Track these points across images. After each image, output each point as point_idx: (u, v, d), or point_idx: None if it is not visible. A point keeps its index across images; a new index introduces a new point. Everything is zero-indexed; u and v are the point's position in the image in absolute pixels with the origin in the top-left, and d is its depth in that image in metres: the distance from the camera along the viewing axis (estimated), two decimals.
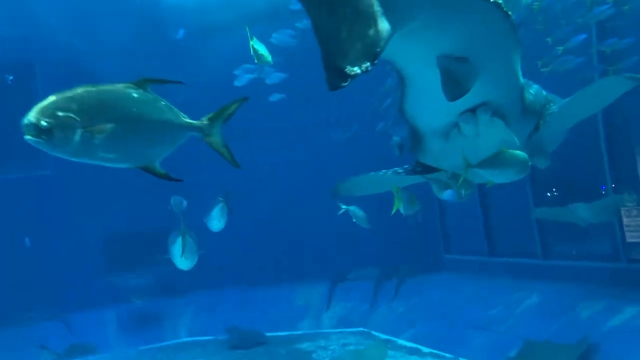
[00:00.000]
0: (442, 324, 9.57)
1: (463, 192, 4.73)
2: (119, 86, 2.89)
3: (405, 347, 9.45)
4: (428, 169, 4.90)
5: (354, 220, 8.13)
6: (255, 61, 7.06)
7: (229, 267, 12.18)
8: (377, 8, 2.22)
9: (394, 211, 5.43)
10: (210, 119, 3.33)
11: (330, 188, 5.61)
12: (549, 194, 9.84)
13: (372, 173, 5.01)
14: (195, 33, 12.34)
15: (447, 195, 5.16)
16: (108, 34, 12.03)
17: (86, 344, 10.69)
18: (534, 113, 4.41)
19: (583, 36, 7.62)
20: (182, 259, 7.16)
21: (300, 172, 12.69)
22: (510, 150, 4.02)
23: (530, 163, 4.13)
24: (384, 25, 2.21)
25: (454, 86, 3.44)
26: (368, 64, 2.18)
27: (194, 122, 3.25)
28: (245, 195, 12.50)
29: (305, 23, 9.59)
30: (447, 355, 8.64)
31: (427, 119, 4.29)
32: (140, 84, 2.95)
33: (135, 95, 2.90)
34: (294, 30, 9.80)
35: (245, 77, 10.37)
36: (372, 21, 2.19)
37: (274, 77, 10.51)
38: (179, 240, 7.05)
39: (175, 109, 3.14)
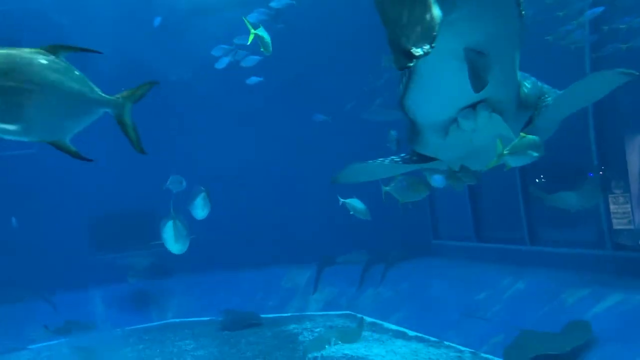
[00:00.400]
0: (429, 309, 9.65)
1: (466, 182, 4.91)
2: (26, 50, 2.63)
3: (391, 330, 9.53)
4: (424, 159, 4.98)
5: (351, 212, 8.14)
6: (262, 49, 7.07)
7: (217, 250, 12.17)
8: None
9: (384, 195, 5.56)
10: (123, 97, 3.08)
11: (331, 175, 5.66)
12: (537, 181, 9.88)
13: (370, 161, 5.12)
14: (178, 15, 12.23)
15: (436, 181, 5.22)
16: (96, 14, 11.88)
17: (82, 321, 10.67)
18: (530, 105, 4.52)
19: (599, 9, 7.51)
20: (174, 243, 7.28)
21: (288, 156, 12.67)
22: (529, 136, 4.15)
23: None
24: (437, 11, 2.45)
25: (477, 78, 3.52)
26: (428, 46, 2.40)
27: (107, 97, 2.97)
28: (234, 179, 12.51)
29: (281, 3, 9.54)
30: (432, 339, 8.72)
31: (428, 114, 4.40)
32: (52, 50, 2.70)
33: (43, 61, 2.64)
34: (269, 10, 9.71)
35: (224, 60, 10.37)
36: (427, 8, 2.45)
37: (249, 60, 10.50)
38: (170, 225, 7.15)
39: (90, 82, 2.88)
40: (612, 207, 8.00)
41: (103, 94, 2.95)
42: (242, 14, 8.16)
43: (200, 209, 7.94)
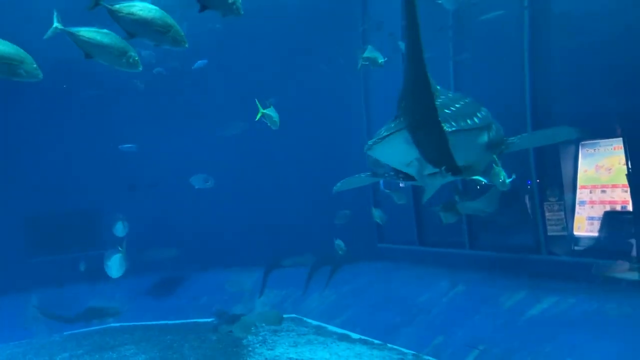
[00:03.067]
0: (372, 311, 9.81)
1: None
2: None
3: (335, 333, 9.63)
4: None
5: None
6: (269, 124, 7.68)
7: (170, 254, 11.99)
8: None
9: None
10: None
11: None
12: (478, 188, 10.20)
13: (356, 175, 6.78)
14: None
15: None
16: None
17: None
18: (496, 146, 5.38)
19: None
20: (116, 272, 8.98)
21: (235, 158, 12.63)
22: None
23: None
24: None
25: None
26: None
27: None
28: (176, 182, 12.36)
29: None
30: (376, 341, 8.87)
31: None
32: None
33: None
34: None
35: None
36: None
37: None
38: (116, 258, 8.89)
39: None
40: (547, 214, 8.38)
41: None
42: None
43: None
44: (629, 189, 7.32)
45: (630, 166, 7.18)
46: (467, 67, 9.72)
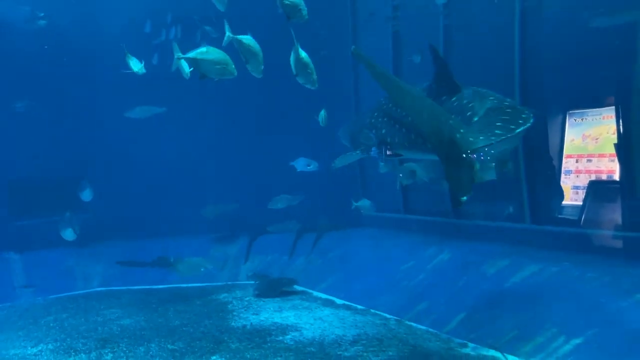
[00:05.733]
0: (357, 277, 9.88)
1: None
2: None
3: (320, 298, 9.70)
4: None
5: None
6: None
7: (144, 219, 11.93)
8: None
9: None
10: None
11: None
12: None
13: (350, 153, 7.63)
14: None
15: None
16: None
17: None
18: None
19: None
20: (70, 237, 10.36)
21: (218, 126, 12.54)
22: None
23: None
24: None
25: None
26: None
27: None
28: (166, 147, 12.26)
29: None
30: (359, 306, 8.95)
31: None
32: None
33: None
34: None
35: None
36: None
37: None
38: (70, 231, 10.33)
39: None
40: (532, 183, 8.41)
41: None
42: None
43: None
44: (616, 158, 7.34)
45: (620, 134, 7.17)
46: (456, 32, 9.61)
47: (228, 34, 6.12)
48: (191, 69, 6.53)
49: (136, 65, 8.27)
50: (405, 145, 6.58)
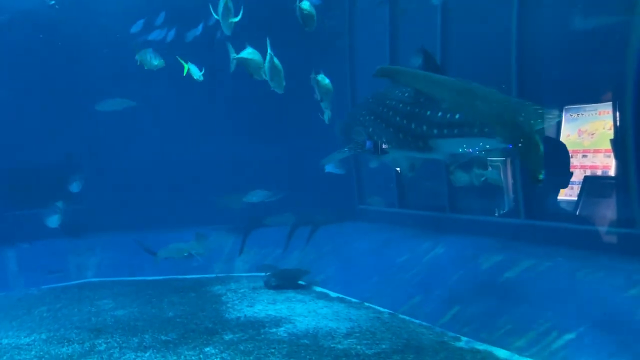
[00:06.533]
0: (351, 270, 9.88)
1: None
2: None
3: (314, 291, 9.70)
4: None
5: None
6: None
7: (139, 211, 11.94)
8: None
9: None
10: None
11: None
12: None
13: (339, 151, 7.82)
14: None
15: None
16: None
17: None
18: None
19: None
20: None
21: (215, 120, 12.53)
22: None
23: None
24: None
25: None
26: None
27: None
28: (162, 139, 12.26)
29: None
30: (354, 300, 8.96)
31: None
32: None
33: None
34: None
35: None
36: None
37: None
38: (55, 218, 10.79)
39: None
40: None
41: None
42: None
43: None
44: (612, 154, 7.34)
45: (617, 130, 7.17)
46: (453, 24, 9.58)
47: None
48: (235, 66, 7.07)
49: (196, 73, 8.26)
50: (393, 144, 6.81)
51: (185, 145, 12.55)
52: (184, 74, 8.15)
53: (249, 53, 6.65)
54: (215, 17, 6.94)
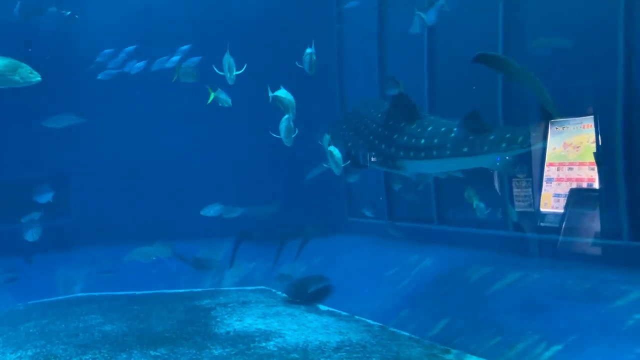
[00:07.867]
0: (341, 283, 9.89)
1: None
2: None
3: (303, 305, 9.68)
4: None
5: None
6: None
7: (128, 224, 11.86)
8: None
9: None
10: None
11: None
12: None
13: (321, 165, 8.01)
14: None
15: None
16: None
17: None
18: None
19: None
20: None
21: (205, 133, 12.51)
22: None
23: None
24: None
25: None
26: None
27: None
28: (147, 153, 12.21)
29: None
30: (344, 313, 8.96)
31: None
32: None
33: None
34: None
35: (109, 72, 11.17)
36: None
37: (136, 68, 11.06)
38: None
39: None
40: (515, 191, 8.49)
41: None
42: None
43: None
44: (596, 167, 7.43)
45: (599, 144, 7.27)
46: (441, 39, 9.69)
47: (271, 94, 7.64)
48: None
49: (227, 101, 8.83)
50: (369, 160, 7.37)
51: (176, 158, 12.51)
52: (208, 102, 8.70)
53: (284, 93, 7.60)
54: (220, 73, 8.18)
